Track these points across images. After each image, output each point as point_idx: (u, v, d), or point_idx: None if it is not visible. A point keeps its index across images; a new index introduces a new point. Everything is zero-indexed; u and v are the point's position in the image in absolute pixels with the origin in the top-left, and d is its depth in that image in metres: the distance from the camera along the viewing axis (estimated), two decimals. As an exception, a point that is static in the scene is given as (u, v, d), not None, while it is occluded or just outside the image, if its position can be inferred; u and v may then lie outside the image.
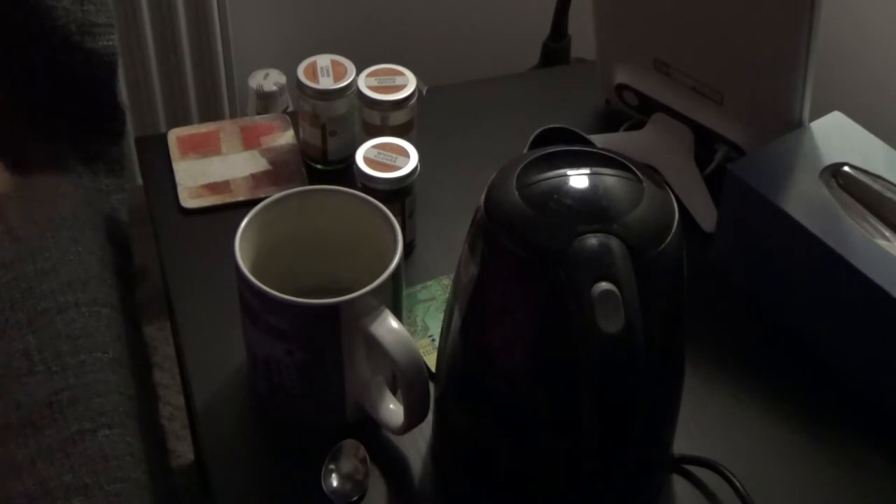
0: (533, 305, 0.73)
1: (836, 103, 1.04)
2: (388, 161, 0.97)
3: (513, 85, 1.26)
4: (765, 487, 0.85)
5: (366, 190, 0.95)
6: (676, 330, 0.78)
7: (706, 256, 1.03)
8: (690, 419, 0.89)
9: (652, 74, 1.09)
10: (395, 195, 0.97)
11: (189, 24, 1.49)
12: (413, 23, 1.71)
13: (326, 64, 1.07)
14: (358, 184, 0.97)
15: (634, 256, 0.69)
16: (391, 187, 0.96)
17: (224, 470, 0.87)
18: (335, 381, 0.85)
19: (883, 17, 1.31)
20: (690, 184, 1.07)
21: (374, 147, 0.98)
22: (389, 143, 0.99)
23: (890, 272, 0.87)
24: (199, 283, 1.00)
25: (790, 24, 0.95)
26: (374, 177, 0.96)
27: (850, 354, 0.93)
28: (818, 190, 0.95)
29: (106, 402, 0.93)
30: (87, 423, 0.91)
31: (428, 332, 0.95)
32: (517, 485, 0.81)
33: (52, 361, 0.94)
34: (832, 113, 1.02)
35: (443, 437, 0.86)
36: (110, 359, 0.97)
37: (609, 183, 0.73)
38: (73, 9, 1.10)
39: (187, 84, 1.55)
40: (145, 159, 1.13)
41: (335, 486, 0.84)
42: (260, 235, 0.86)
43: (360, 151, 0.98)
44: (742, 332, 0.98)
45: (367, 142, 0.99)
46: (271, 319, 0.82)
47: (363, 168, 0.97)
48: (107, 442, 0.90)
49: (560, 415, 0.76)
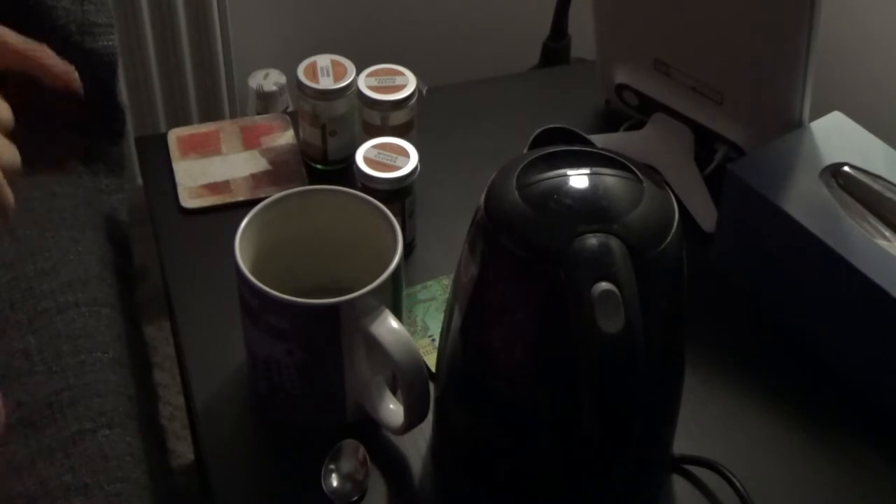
0: (533, 305, 0.73)
1: (836, 103, 1.04)
2: (388, 161, 0.97)
3: (513, 85, 1.26)
4: (765, 487, 0.85)
5: (366, 190, 0.95)
6: (676, 330, 0.78)
7: (706, 256, 1.03)
8: (690, 419, 0.89)
9: (652, 74, 1.09)
10: (395, 195, 0.97)
11: (189, 24, 1.49)
12: (413, 23, 1.71)
13: (326, 64, 1.07)
14: (358, 184, 0.97)
15: (634, 256, 0.69)
16: (391, 187, 0.96)
17: (224, 470, 0.87)
18: (335, 381, 0.85)
19: (883, 17, 1.31)
20: (690, 184, 1.07)
21: (374, 147, 0.98)
22: (389, 143, 0.99)
23: (890, 272, 0.87)
24: (199, 283, 1.00)
25: (790, 24, 0.95)
26: (374, 177, 0.96)
27: (850, 354, 0.93)
28: (818, 190, 0.95)
29: (106, 402, 0.93)
30: (87, 423, 0.91)
31: (428, 332, 0.96)
32: (517, 485, 0.81)
33: (52, 361, 0.94)
34: (832, 113, 1.02)
35: (443, 437, 0.86)
36: (110, 359, 0.97)
37: (609, 183, 0.74)
38: (73, 9, 1.10)
39: (187, 84, 1.55)
40: (145, 159, 1.13)
41: (335, 486, 0.84)
42: (260, 235, 0.86)
43: (359, 151, 0.98)
44: (742, 332, 0.98)
45: (367, 142, 0.99)
46: (271, 319, 0.82)
47: (363, 168, 0.97)
48: (107, 442, 0.90)
49: (560, 415, 0.76)
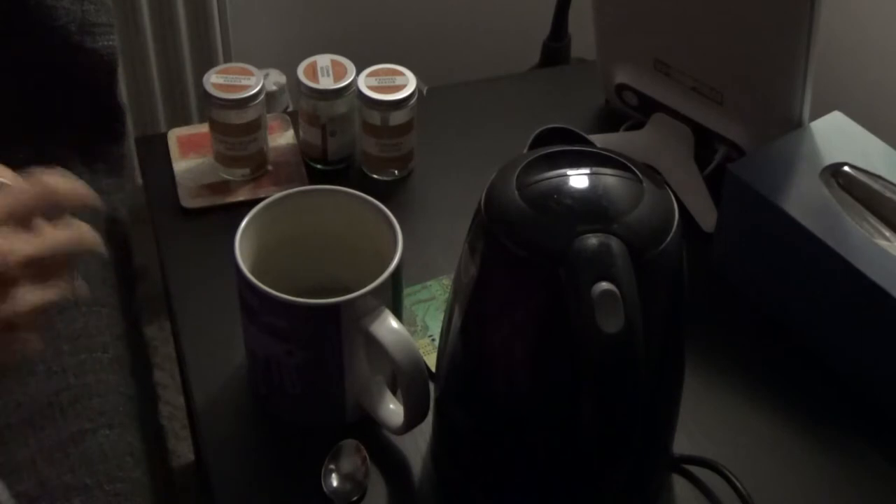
0: (533, 305, 0.73)
1: (836, 103, 1.04)
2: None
3: (513, 85, 1.26)
4: (765, 487, 0.85)
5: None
6: (676, 330, 0.78)
7: (706, 256, 1.03)
8: (690, 419, 0.89)
9: (652, 74, 1.09)
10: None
11: (189, 24, 1.49)
12: (413, 23, 1.71)
13: (326, 64, 1.07)
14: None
15: (634, 256, 0.69)
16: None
17: (224, 470, 0.87)
18: (335, 381, 0.85)
19: (883, 17, 1.31)
20: (690, 184, 1.07)
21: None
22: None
23: (890, 272, 0.87)
24: (199, 283, 1.00)
25: (790, 24, 0.95)
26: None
27: (850, 354, 0.93)
28: (818, 190, 0.95)
29: (106, 402, 0.93)
30: (87, 423, 0.91)
31: (428, 332, 0.96)
32: (517, 485, 0.81)
33: (52, 361, 0.94)
34: (832, 113, 1.02)
35: (443, 437, 0.86)
36: (110, 359, 0.97)
37: (609, 183, 0.73)
38: (73, 9, 1.10)
39: (187, 84, 1.55)
40: (145, 159, 1.13)
41: (335, 486, 0.84)
42: (260, 235, 0.86)
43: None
44: (742, 332, 0.98)
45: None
46: (271, 319, 0.82)
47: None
48: (107, 442, 0.90)
49: (560, 415, 0.76)
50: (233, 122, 1.05)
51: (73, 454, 0.88)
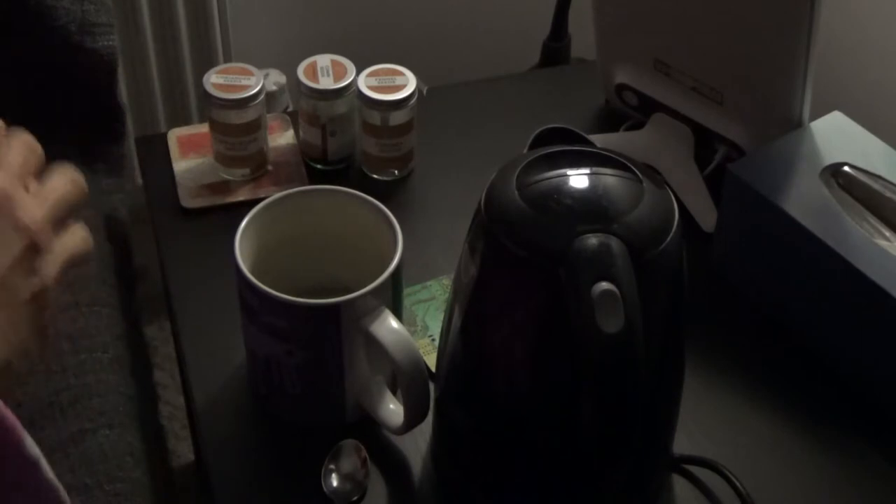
0: (533, 305, 0.73)
1: (836, 103, 1.04)
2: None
3: (513, 85, 1.26)
4: (765, 487, 0.85)
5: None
6: (676, 330, 0.78)
7: (706, 256, 1.03)
8: (690, 419, 0.89)
9: (652, 74, 1.09)
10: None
11: (189, 24, 1.49)
12: (413, 23, 1.71)
13: (326, 64, 1.07)
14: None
15: (634, 256, 0.69)
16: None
17: (224, 470, 0.87)
18: (335, 381, 0.85)
19: (883, 17, 1.31)
20: (690, 184, 1.07)
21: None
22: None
23: (890, 272, 0.87)
24: (199, 283, 1.00)
25: (790, 24, 0.95)
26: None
27: (850, 354, 0.93)
28: (818, 190, 0.95)
29: (106, 402, 0.93)
30: (87, 423, 0.91)
31: (428, 332, 0.96)
32: (517, 485, 0.81)
33: (52, 361, 0.94)
34: (832, 113, 1.02)
35: (443, 437, 0.86)
36: (110, 359, 0.97)
37: (609, 183, 0.73)
38: (73, 9, 1.10)
39: (187, 84, 1.55)
40: (145, 159, 1.13)
41: (335, 486, 0.84)
42: (260, 235, 0.86)
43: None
44: (742, 332, 0.98)
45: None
46: (271, 319, 0.82)
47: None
48: (107, 442, 0.90)
49: (560, 415, 0.76)
50: (233, 122, 1.05)
51: (73, 454, 0.88)
